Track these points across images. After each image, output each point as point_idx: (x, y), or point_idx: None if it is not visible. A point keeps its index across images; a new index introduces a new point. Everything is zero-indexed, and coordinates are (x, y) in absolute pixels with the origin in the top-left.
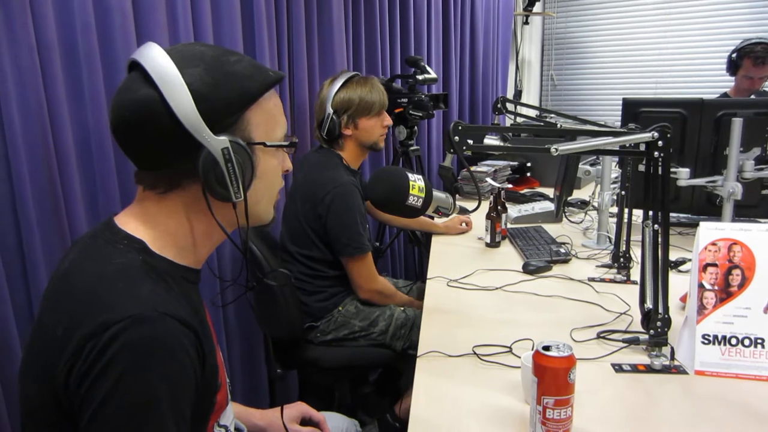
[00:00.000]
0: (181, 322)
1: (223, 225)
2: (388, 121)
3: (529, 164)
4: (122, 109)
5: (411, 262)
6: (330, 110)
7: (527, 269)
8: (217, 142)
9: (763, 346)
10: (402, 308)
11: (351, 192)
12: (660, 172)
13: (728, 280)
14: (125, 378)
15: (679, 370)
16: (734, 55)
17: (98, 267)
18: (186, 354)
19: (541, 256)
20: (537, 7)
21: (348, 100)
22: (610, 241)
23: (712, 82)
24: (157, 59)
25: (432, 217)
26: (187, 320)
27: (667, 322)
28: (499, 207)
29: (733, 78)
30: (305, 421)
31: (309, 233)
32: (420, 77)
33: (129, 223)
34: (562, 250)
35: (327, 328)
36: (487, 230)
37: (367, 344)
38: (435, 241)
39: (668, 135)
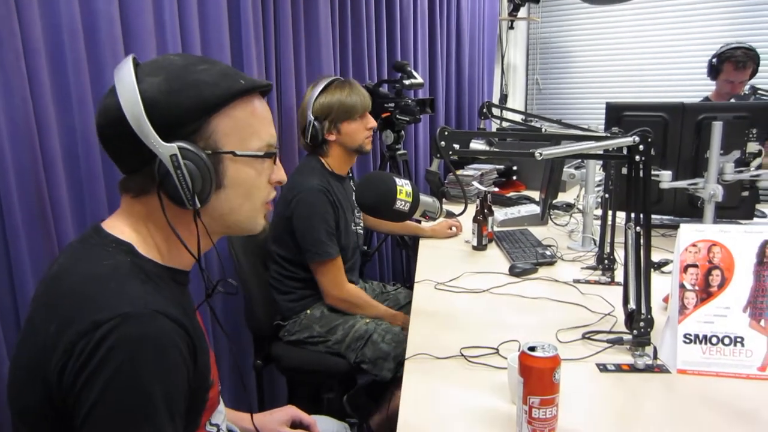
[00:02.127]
0: (171, 319)
1: (203, 233)
2: (372, 123)
3: (515, 168)
4: (97, 116)
5: (399, 266)
6: (311, 117)
7: (513, 272)
8: (165, 149)
9: (742, 345)
10: (367, 320)
11: (315, 197)
12: (641, 176)
13: (708, 280)
14: (118, 375)
15: (662, 369)
16: (715, 60)
17: (88, 268)
18: (178, 350)
19: (527, 258)
20: (522, 12)
21: (328, 106)
22: (595, 244)
23: (694, 86)
24: (121, 69)
25: (419, 221)
26: (178, 318)
27: (650, 323)
28: (485, 210)
29: (713, 82)
30: (295, 425)
31: (283, 235)
32: (407, 82)
33: (115, 227)
34: (548, 253)
35: (292, 329)
36: (473, 233)
37: (325, 351)
38: (422, 244)
39: (649, 139)
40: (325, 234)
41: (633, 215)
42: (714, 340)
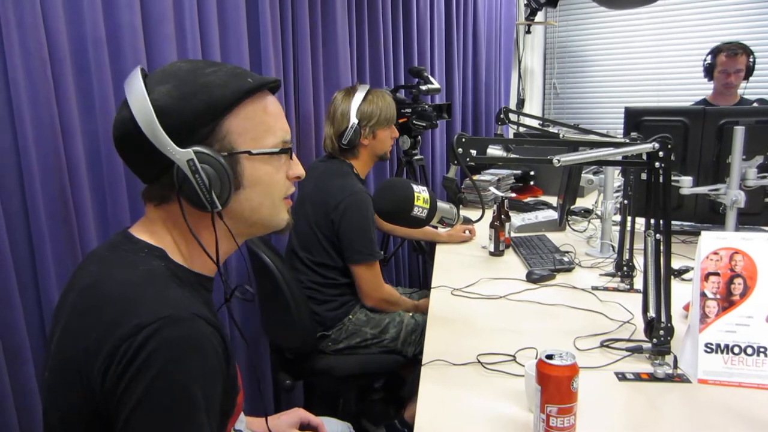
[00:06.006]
0: (209, 323)
1: (227, 236)
2: (396, 133)
3: (532, 173)
4: (113, 130)
5: (415, 271)
6: (354, 120)
7: (531, 278)
8: (182, 155)
9: (765, 355)
10: (411, 314)
11: (365, 200)
12: (661, 182)
13: (730, 289)
14: (161, 377)
15: (682, 379)
16: (708, 57)
17: (125, 274)
18: (216, 354)
19: (545, 264)
20: (539, 17)
21: (370, 112)
22: (614, 250)
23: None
24: (131, 82)
25: (435, 227)
26: (214, 322)
27: (670, 331)
28: (502, 216)
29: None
30: (304, 426)
31: (321, 240)
32: (423, 87)
33: (144, 233)
34: (566, 259)
35: (339, 337)
36: (490, 239)
37: (379, 351)
38: (439, 250)
39: (669, 145)
40: (374, 236)
41: (653, 221)
42: (736, 349)
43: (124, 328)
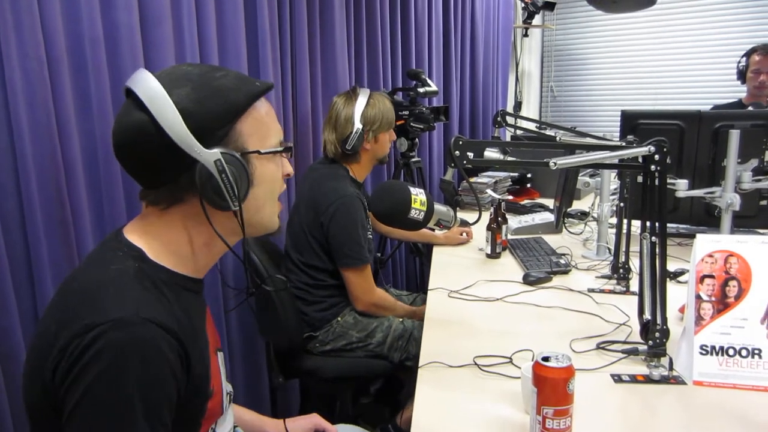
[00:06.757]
0: (163, 328)
1: (224, 235)
2: (394, 136)
3: (529, 175)
4: (120, 134)
5: (412, 273)
6: (359, 125)
7: (527, 280)
8: (209, 155)
9: (760, 357)
10: (400, 320)
11: (355, 204)
12: (657, 185)
13: (725, 291)
14: (101, 378)
15: (678, 381)
16: (743, 60)
17: (97, 272)
18: (164, 360)
19: (542, 267)
20: (536, 20)
21: (373, 117)
22: (610, 252)
23: (711, 93)
24: (146, 84)
25: (432, 229)
26: (170, 326)
27: (666, 333)
28: (499, 218)
29: (741, 88)
30: None
31: (311, 242)
32: (421, 90)
33: (132, 233)
34: (562, 261)
35: (326, 339)
36: (487, 241)
37: (365, 355)
38: (436, 252)
39: (664, 149)
40: (363, 240)
41: (648, 224)
42: (731, 351)
43: (77, 326)
